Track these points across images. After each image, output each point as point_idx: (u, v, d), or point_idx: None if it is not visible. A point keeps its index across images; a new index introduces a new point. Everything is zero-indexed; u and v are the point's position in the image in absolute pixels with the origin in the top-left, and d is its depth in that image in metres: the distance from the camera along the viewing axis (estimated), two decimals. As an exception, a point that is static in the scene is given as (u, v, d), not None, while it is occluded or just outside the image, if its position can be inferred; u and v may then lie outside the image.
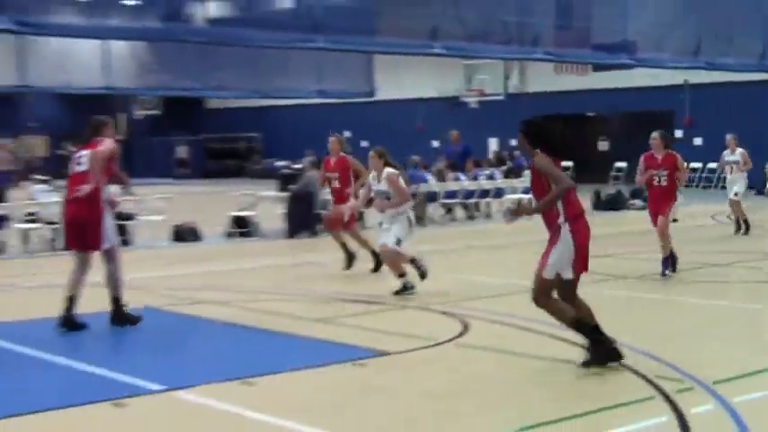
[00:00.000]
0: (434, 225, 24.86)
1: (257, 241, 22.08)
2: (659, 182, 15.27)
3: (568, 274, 9.16)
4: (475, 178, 27.56)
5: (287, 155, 48.07)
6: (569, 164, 39.35)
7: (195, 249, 20.94)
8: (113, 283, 11.73)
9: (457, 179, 27.35)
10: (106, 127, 11.92)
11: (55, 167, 42.34)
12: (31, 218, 20.72)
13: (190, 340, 11.64)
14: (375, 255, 15.59)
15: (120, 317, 11.74)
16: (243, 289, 14.78)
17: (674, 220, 16.28)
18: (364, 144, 46.98)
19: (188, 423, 7.93)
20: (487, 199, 27.41)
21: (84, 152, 11.50)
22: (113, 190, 12.55)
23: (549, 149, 9.13)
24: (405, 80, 43.98)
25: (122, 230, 21.08)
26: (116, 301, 11.77)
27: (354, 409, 8.21)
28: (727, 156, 22.16)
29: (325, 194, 19.88)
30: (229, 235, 22.30)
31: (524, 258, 18.20)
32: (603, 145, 46.05)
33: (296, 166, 36.57)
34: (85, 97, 50.47)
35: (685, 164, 18.39)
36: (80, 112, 53.04)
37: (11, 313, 13.06)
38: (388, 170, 13.80)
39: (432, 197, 25.58)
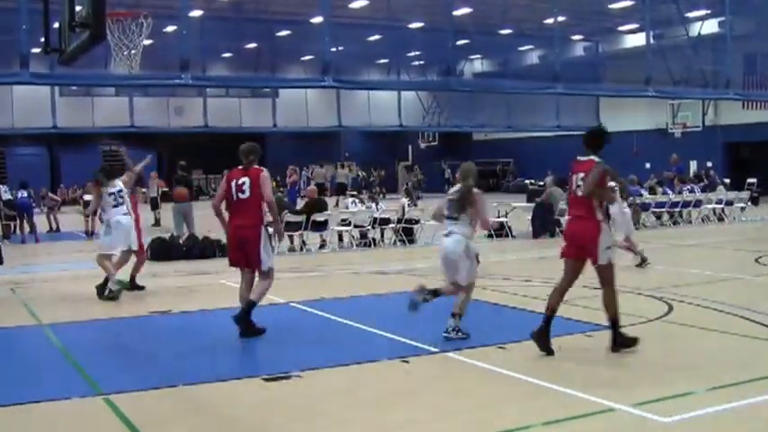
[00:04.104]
0: (645, 229, 24.17)
1: (510, 240, 22.09)
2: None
3: None
4: (680, 192, 26.81)
5: (533, 174, 47.83)
6: (753, 180, 37.54)
7: (463, 246, 21.06)
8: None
9: (665, 193, 26.91)
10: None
11: (361, 186, 43.74)
12: (344, 222, 21.39)
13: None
14: None
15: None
16: (499, 275, 14.84)
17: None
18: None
19: (455, 375, 8.12)
20: (689, 208, 26.54)
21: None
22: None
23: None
24: (624, 116, 42.96)
25: (410, 232, 21.58)
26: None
27: (580, 368, 8.19)
28: None
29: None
30: (489, 235, 22.39)
31: (719, 253, 17.59)
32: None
33: (540, 183, 36.43)
34: (383, 134, 51.79)
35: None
36: (379, 145, 54.69)
37: (335, 293, 13.49)
38: None
39: (645, 207, 25.02)
